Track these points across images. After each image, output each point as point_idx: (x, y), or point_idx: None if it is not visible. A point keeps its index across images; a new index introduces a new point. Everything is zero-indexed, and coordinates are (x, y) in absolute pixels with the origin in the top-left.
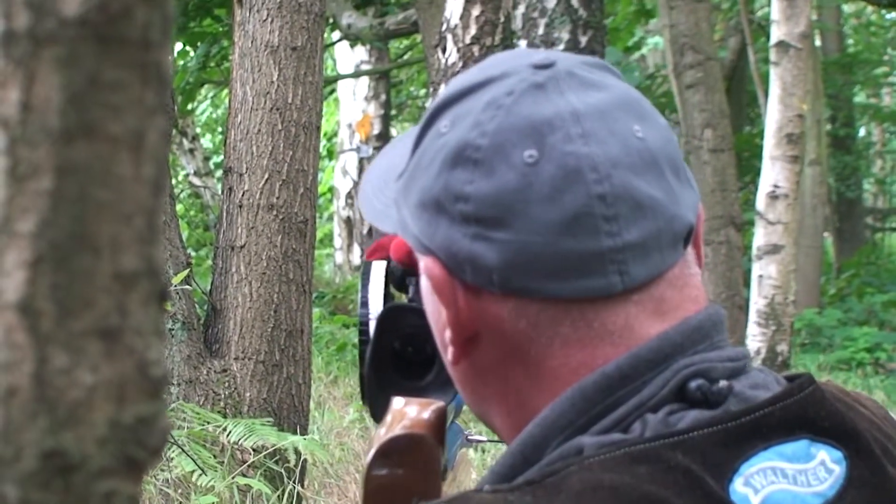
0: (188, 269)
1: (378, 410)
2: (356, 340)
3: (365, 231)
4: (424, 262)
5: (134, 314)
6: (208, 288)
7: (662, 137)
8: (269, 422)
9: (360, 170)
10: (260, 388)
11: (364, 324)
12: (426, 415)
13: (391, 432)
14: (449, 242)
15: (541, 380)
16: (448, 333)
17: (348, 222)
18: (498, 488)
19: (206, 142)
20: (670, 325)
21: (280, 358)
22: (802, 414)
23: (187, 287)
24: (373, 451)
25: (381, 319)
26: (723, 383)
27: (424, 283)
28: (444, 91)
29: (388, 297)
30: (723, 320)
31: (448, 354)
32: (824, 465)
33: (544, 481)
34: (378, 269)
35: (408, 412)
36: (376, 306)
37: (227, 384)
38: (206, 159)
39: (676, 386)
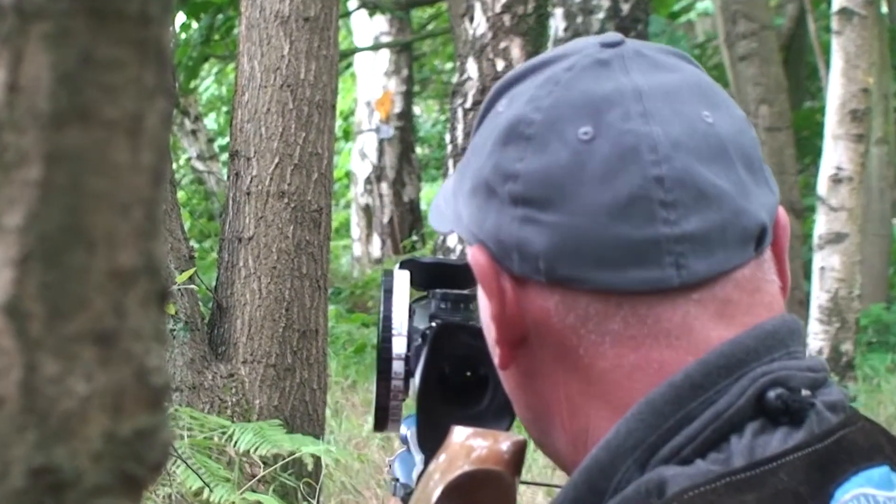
0: (192, 266)
1: (427, 438)
2: (377, 344)
3: (386, 220)
4: (471, 252)
5: (132, 316)
6: (213, 284)
7: (736, 128)
8: (278, 424)
9: (380, 152)
10: (270, 394)
11: (387, 340)
12: (505, 447)
13: (464, 465)
14: (497, 228)
15: (592, 384)
16: (493, 331)
17: (367, 210)
18: None
19: (210, 122)
20: (737, 331)
21: (292, 361)
22: (876, 439)
23: (191, 286)
24: (445, 483)
25: (434, 340)
26: (805, 393)
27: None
28: (507, 74)
29: (411, 311)
30: (800, 329)
31: (495, 357)
32: None
33: None
34: (402, 278)
35: (475, 444)
36: (401, 320)
37: (234, 390)
38: (211, 141)
39: (754, 395)
